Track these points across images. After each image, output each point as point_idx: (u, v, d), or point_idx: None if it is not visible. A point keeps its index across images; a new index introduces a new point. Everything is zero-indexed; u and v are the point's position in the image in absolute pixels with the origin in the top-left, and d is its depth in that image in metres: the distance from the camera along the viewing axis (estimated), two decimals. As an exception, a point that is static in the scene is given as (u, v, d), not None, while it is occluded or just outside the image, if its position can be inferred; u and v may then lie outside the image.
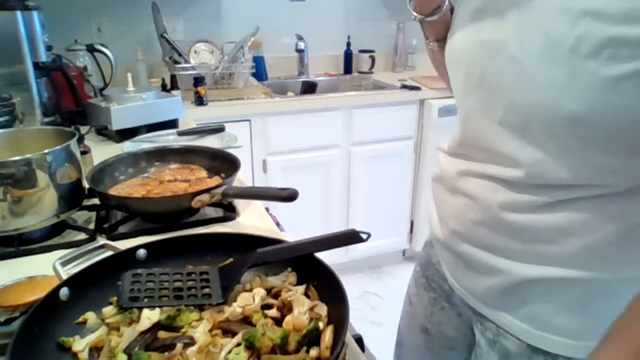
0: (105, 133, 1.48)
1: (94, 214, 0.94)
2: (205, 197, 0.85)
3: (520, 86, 0.54)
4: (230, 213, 0.95)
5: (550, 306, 0.61)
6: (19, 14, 1.33)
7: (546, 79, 0.51)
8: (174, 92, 1.90)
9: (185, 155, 1.10)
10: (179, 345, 0.52)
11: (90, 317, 0.57)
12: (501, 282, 0.64)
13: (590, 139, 0.51)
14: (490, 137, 0.61)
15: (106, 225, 0.89)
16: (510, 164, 0.59)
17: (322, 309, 0.56)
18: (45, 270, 0.66)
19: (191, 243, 0.69)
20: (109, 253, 0.67)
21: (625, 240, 0.55)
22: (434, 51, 0.79)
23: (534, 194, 0.58)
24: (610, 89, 0.46)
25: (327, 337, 0.51)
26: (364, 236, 0.63)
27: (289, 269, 0.65)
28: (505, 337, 0.66)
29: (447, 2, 0.72)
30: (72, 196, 0.88)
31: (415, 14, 0.74)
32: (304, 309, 0.55)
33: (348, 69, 2.67)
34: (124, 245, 0.69)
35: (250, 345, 0.51)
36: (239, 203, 0.99)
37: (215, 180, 1.02)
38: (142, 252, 0.65)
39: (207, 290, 0.59)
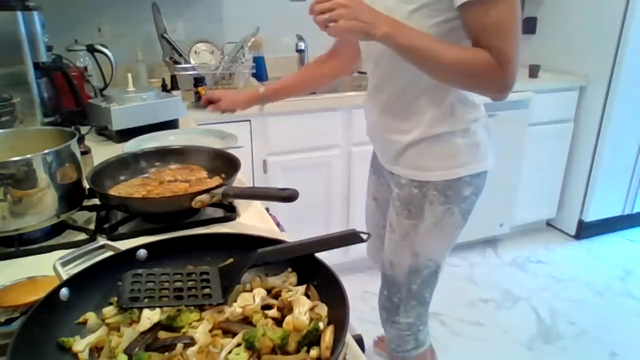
0: (105, 133, 1.48)
1: (94, 214, 0.94)
2: (205, 197, 0.85)
3: None
4: (230, 213, 0.95)
5: (415, 155, 1.12)
6: (19, 14, 1.33)
7: None
8: (174, 92, 1.90)
9: (185, 155, 1.10)
10: (179, 345, 0.52)
11: (90, 317, 0.57)
12: (393, 149, 1.16)
13: None
14: None
15: (106, 225, 0.89)
16: None
17: (322, 309, 0.56)
18: (45, 270, 0.66)
19: (191, 243, 0.70)
20: (109, 253, 0.67)
21: (437, 109, 1.07)
22: None
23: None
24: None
25: (327, 337, 0.51)
26: (364, 236, 0.63)
27: (289, 269, 0.65)
28: (398, 177, 1.18)
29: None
30: (72, 196, 0.88)
31: None
32: (304, 309, 0.55)
33: (348, 69, 2.66)
34: (124, 245, 0.69)
35: (250, 345, 0.51)
36: (239, 203, 0.99)
37: (215, 180, 1.02)
38: (142, 252, 0.66)
39: (207, 290, 0.59)
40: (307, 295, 0.60)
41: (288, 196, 0.78)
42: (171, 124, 1.52)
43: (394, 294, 1.27)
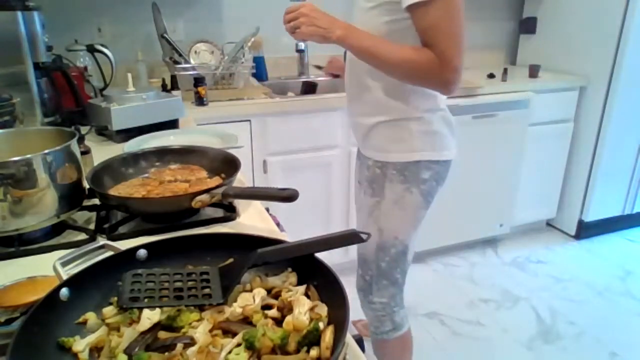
0: (105, 133, 1.48)
1: (94, 214, 0.94)
2: (205, 197, 0.85)
3: None
4: (230, 213, 0.95)
5: (376, 138, 1.26)
6: (19, 14, 1.33)
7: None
8: (174, 92, 1.90)
9: (185, 155, 1.10)
10: (179, 345, 0.52)
11: (90, 317, 0.57)
12: (361, 132, 1.30)
13: None
14: None
15: (106, 225, 0.88)
16: None
17: (322, 309, 0.56)
18: (45, 270, 0.66)
19: (191, 243, 0.69)
20: (109, 253, 0.67)
21: (393, 97, 1.19)
22: None
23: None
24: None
25: (327, 337, 0.51)
26: (364, 236, 0.63)
27: (289, 269, 0.65)
28: (367, 159, 1.31)
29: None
30: (72, 196, 0.88)
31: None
32: (304, 309, 0.55)
33: (348, 69, 2.66)
34: (124, 245, 0.69)
35: (250, 345, 0.51)
36: (239, 203, 0.99)
37: (215, 180, 1.02)
38: (142, 252, 0.65)
39: (207, 290, 0.59)
40: (307, 295, 0.60)
41: (288, 196, 0.78)
42: (171, 124, 1.52)
43: (366, 271, 1.38)
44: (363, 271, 1.39)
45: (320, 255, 0.62)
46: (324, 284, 0.59)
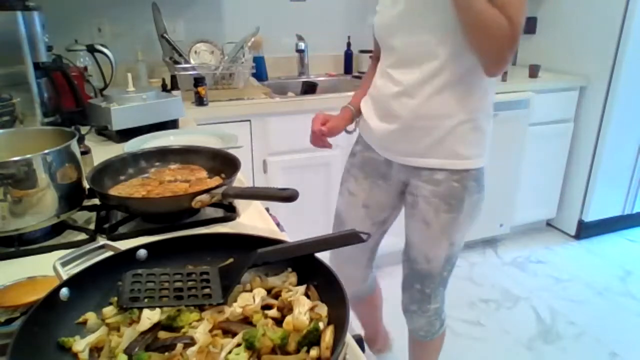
0: (105, 133, 1.48)
1: (94, 214, 0.94)
2: (205, 197, 0.85)
3: None
4: (230, 213, 0.95)
5: (455, 142, 1.11)
6: (19, 14, 1.33)
7: None
8: (174, 92, 1.90)
9: (185, 155, 1.10)
10: (179, 345, 0.52)
11: (90, 317, 0.57)
12: (433, 136, 1.12)
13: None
14: None
15: (106, 225, 0.88)
16: None
17: (322, 309, 0.56)
18: (45, 270, 0.66)
19: (191, 243, 0.69)
20: (109, 253, 0.67)
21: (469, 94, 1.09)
22: None
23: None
24: None
25: (327, 337, 0.51)
26: (364, 236, 0.63)
27: (289, 269, 0.65)
28: (433, 172, 1.15)
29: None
30: (72, 196, 0.88)
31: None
32: (304, 309, 0.55)
33: (348, 69, 2.67)
34: (124, 245, 0.69)
35: (250, 345, 0.51)
36: (239, 203, 0.99)
37: (215, 180, 1.02)
38: (142, 252, 0.65)
39: (207, 290, 0.59)
40: (307, 295, 0.60)
41: (288, 196, 0.78)
42: (171, 124, 1.52)
43: (428, 285, 1.31)
44: (423, 285, 1.32)
45: (320, 255, 0.62)
46: (324, 284, 0.59)
